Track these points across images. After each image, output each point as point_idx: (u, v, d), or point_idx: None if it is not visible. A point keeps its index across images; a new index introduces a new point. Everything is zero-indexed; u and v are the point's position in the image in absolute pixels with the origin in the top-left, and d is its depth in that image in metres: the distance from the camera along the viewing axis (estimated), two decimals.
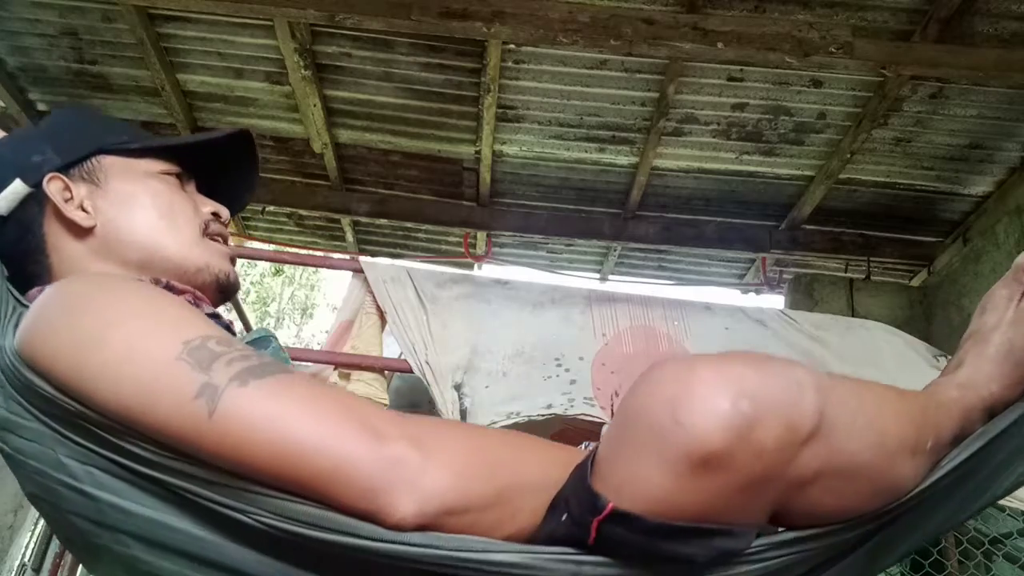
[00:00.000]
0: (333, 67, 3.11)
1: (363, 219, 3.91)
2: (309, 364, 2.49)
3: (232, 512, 0.56)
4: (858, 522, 0.60)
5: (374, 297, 2.36)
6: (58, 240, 0.79)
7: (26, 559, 3.05)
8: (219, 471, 0.57)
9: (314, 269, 10.49)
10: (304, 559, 0.57)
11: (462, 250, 4.04)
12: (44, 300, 0.66)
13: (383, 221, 3.89)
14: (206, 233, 0.86)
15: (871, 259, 3.73)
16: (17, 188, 0.79)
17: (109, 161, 0.84)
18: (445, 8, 2.63)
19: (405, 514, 0.53)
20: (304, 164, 3.71)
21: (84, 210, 0.80)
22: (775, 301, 4.08)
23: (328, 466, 0.54)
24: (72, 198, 0.80)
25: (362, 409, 0.59)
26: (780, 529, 0.59)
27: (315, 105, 3.22)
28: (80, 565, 2.29)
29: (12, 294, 0.73)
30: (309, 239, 4.41)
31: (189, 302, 0.76)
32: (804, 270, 4.00)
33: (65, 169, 0.81)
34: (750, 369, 0.52)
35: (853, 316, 3.37)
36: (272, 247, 4.06)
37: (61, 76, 3.30)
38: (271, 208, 3.94)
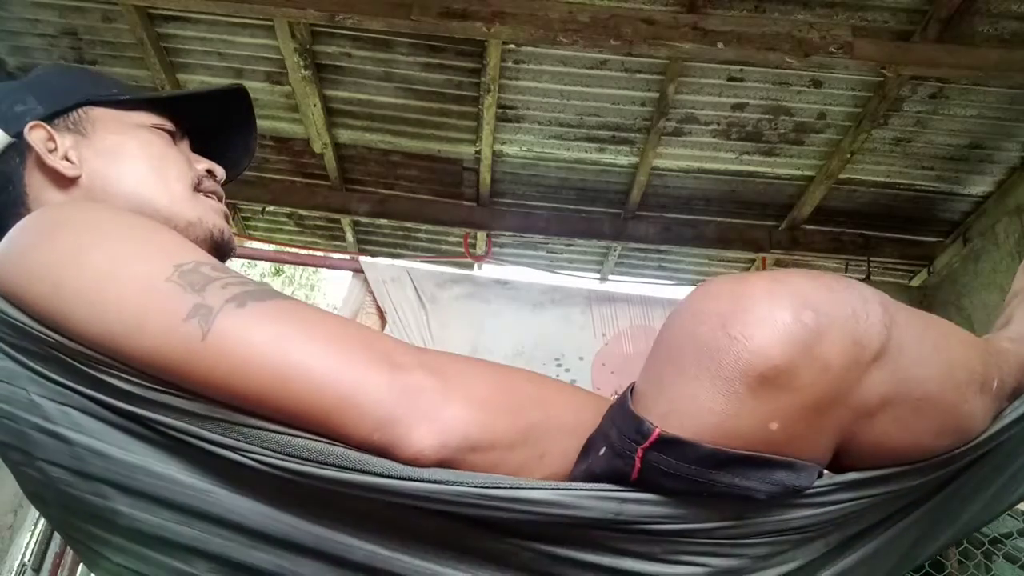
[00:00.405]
0: (333, 67, 3.11)
1: (363, 219, 3.91)
2: None
3: (226, 451, 0.50)
4: (924, 468, 0.55)
5: (374, 297, 2.36)
6: (40, 192, 0.74)
7: (26, 559, 3.05)
8: (212, 403, 0.51)
9: (314, 269, 10.49)
10: (307, 504, 0.50)
11: (462, 250, 4.03)
12: (19, 224, 0.61)
13: (383, 221, 3.89)
14: (199, 189, 0.81)
15: (871, 259, 3.72)
16: None
17: (98, 112, 0.79)
18: (445, 8, 2.63)
19: (423, 447, 0.48)
20: (304, 164, 3.71)
21: (68, 160, 0.75)
22: None
23: (337, 393, 0.49)
24: (56, 148, 0.75)
25: (376, 336, 0.54)
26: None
27: (315, 105, 3.22)
28: (80, 565, 2.29)
29: None
30: (309, 239, 4.40)
31: None
32: (804, 269, 3.99)
33: (50, 119, 0.76)
34: (810, 281, 0.48)
35: None
36: (272, 247, 4.05)
37: None
38: (271, 208, 3.94)
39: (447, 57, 2.99)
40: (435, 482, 0.47)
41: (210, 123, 0.90)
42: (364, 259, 2.54)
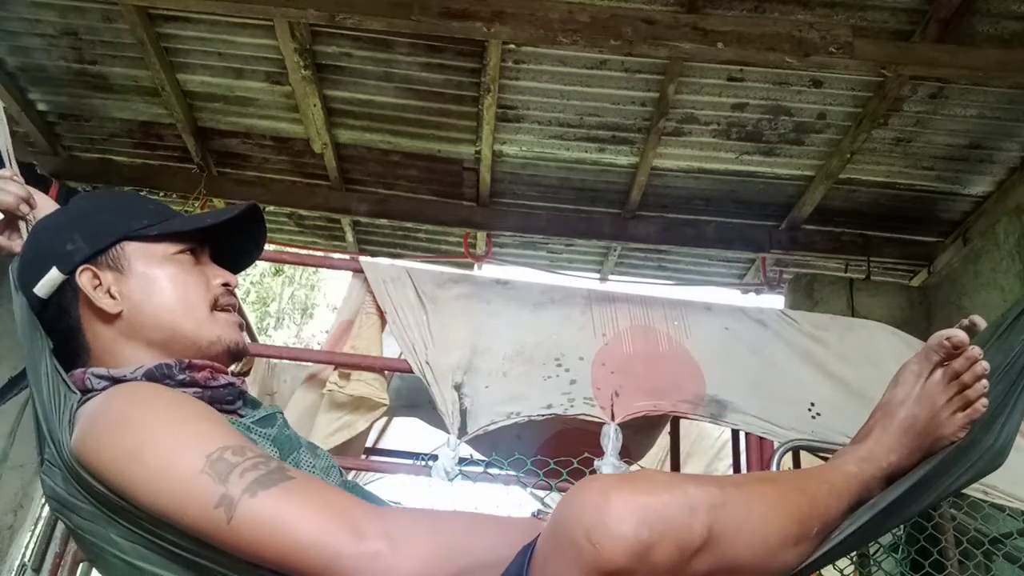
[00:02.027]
0: (333, 67, 3.11)
1: (363, 219, 3.91)
2: (309, 364, 2.49)
3: None
4: None
5: (374, 297, 2.36)
6: (90, 322, 0.92)
7: (26, 559, 3.05)
8: (237, 560, 0.74)
9: (314, 269, 10.49)
10: None
11: (462, 250, 4.04)
12: (92, 413, 0.82)
13: (383, 221, 3.89)
14: (217, 307, 0.98)
15: (871, 259, 3.73)
16: (54, 276, 0.91)
17: (131, 247, 0.95)
18: (445, 8, 2.63)
19: None
20: (304, 164, 3.71)
21: (111, 296, 0.91)
22: (775, 301, 4.08)
23: (321, 561, 0.70)
24: (100, 285, 0.91)
25: (347, 509, 0.74)
26: None
27: (315, 105, 3.22)
28: (80, 565, 2.29)
29: (61, 376, 0.86)
30: (309, 239, 4.41)
31: (209, 378, 0.91)
32: (804, 270, 4.00)
33: (93, 258, 0.92)
34: (651, 498, 0.65)
35: (853, 316, 3.37)
36: (272, 247, 4.05)
37: (61, 76, 3.30)
38: (271, 208, 3.95)
39: (447, 57, 2.99)
40: None
41: (228, 231, 1.05)
42: (364, 259, 2.54)
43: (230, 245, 1.06)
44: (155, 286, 0.94)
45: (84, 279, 0.91)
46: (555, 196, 3.73)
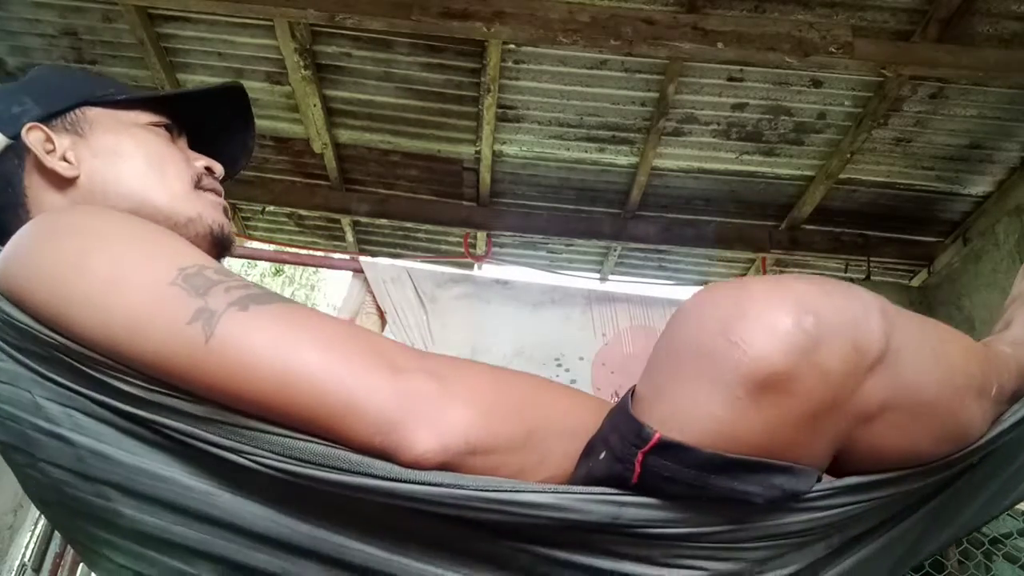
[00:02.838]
0: (333, 67, 3.11)
1: (363, 219, 3.91)
2: None
3: (228, 453, 0.51)
4: (923, 472, 0.55)
5: (374, 297, 2.36)
6: (39, 193, 0.74)
7: (26, 559, 3.05)
8: (214, 406, 0.51)
9: (314, 269, 10.50)
10: (308, 507, 0.51)
11: (462, 250, 4.03)
12: (24, 229, 0.61)
13: (383, 221, 3.89)
14: (198, 186, 0.81)
15: (871, 259, 3.72)
16: None
17: (94, 113, 0.79)
18: (445, 8, 2.63)
19: (424, 450, 0.49)
20: (304, 164, 3.71)
21: (67, 160, 0.75)
22: None
23: (339, 397, 0.49)
24: (54, 149, 0.75)
25: (378, 340, 0.55)
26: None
27: (315, 105, 3.22)
28: (80, 565, 2.29)
29: None
30: (309, 239, 4.40)
31: None
32: (804, 270, 4.00)
33: (47, 120, 0.77)
34: (811, 286, 0.47)
35: None
36: (272, 247, 4.05)
37: None
38: (271, 208, 3.94)
39: (447, 57, 2.99)
40: (435, 485, 0.48)
41: (208, 122, 0.89)
42: (364, 259, 2.54)
43: (213, 145, 0.89)
44: (122, 150, 0.77)
45: (33, 137, 0.74)
46: (555, 196, 3.73)
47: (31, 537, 3.14)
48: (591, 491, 0.49)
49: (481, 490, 0.48)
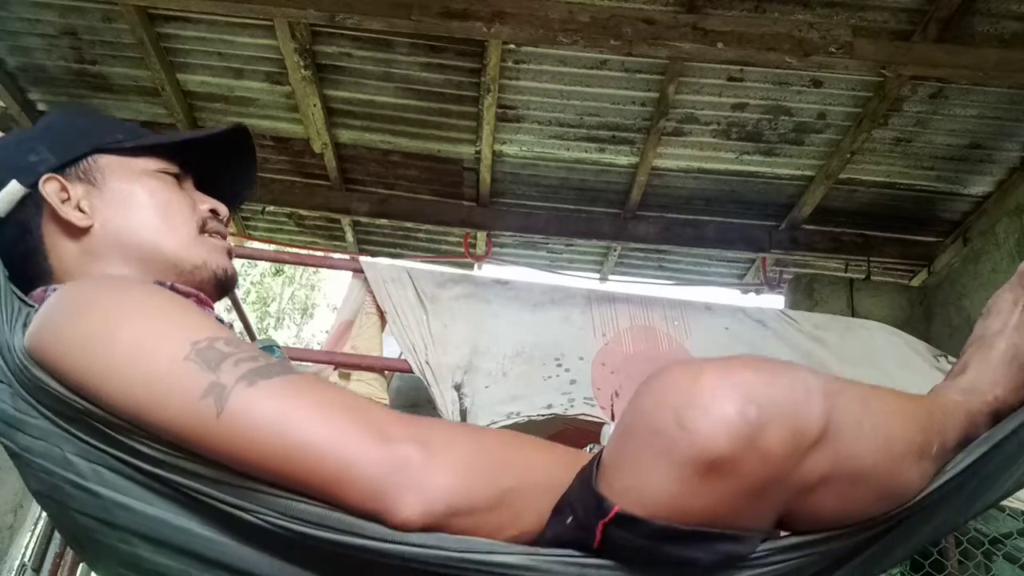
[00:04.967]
0: (333, 67, 3.11)
1: (363, 219, 3.91)
2: (309, 364, 2.49)
3: (238, 511, 0.57)
4: (862, 527, 0.60)
5: (374, 297, 2.36)
6: (56, 241, 0.79)
7: (26, 559, 3.05)
8: (226, 470, 0.57)
9: (314, 269, 10.50)
10: (310, 559, 0.57)
11: (462, 250, 4.04)
12: (54, 301, 0.67)
13: (383, 221, 3.89)
14: (204, 231, 0.86)
15: (871, 259, 3.73)
16: (13, 189, 0.78)
17: (105, 160, 0.83)
18: (445, 8, 2.63)
19: (410, 514, 0.53)
20: (304, 164, 3.71)
21: (81, 210, 0.79)
22: (775, 301, 4.08)
23: (334, 467, 0.54)
24: (69, 198, 0.79)
25: (368, 410, 0.59)
26: (784, 534, 0.59)
27: (315, 105, 3.22)
28: (80, 565, 2.29)
29: (16, 294, 0.72)
30: (309, 239, 4.41)
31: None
32: (804, 270, 4.00)
33: (61, 169, 0.80)
34: (756, 373, 0.52)
35: (853, 316, 3.37)
36: (272, 247, 4.05)
37: (61, 76, 3.29)
38: (271, 208, 3.95)
39: (447, 57, 2.99)
40: (420, 546, 0.53)
41: (213, 159, 0.93)
42: (364, 259, 2.54)
43: (218, 181, 0.93)
44: (132, 199, 0.82)
45: (49, 188, 0.78)
46: (555, 196, 3.73)
47: (31, 537, 3.14)
48: (558, 553, 0.55)
49: (460, 551, 0.54)
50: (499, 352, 2.30)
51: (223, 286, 0.85)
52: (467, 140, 3.42)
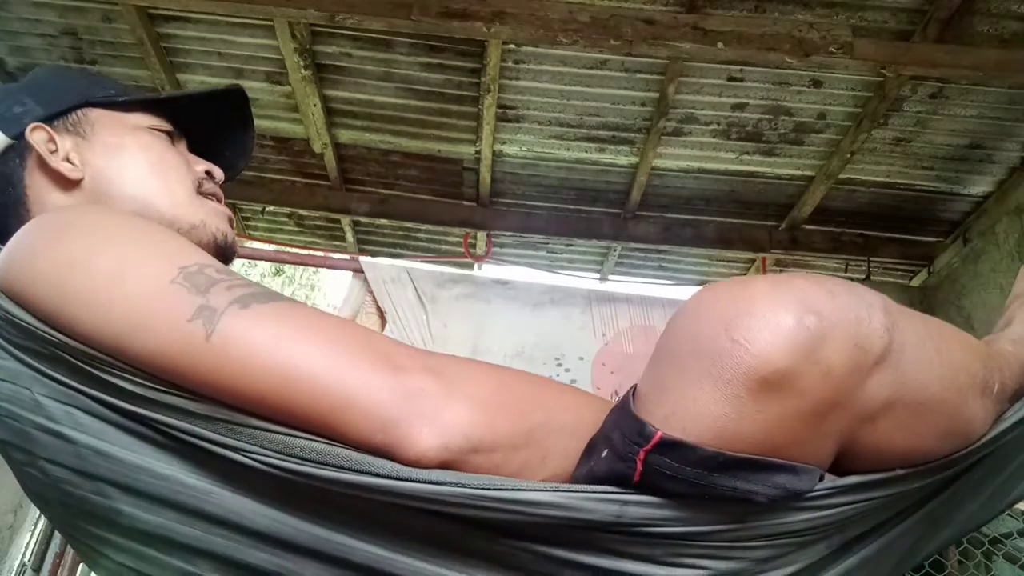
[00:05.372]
0: (333, 67, 3.11)
1: (363, 219, 3.91)
2: None
3: (228, 452, 0.51)
4: (924, 471, 0.55)
5: (374, 297, 2.36)
6: (41, 194, 0.73)
7: (26, 559, 3.05)
8: (215, 404, 0.51)
9: (314, 269, 10.50)
10: (309, 505, 0.51)
11: (462, 250, 4.03)
12: (26, 227, 0.61)
13: (383, 221, 3.89)
14: (200, 191, 0.81)
15: (871, 259, 3.73)
16: None
17: (96, 114, 0.79)
18: (445, 8, 2.63)
19: (426, 448, 0.48)
20: (304, 164, 3.71)
21: (70, 162, 0.74)
22: None
23: (340, 395, 0.49)
24: (57, 150, 0.74)
25: (378, 339, 0.54)
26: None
27: (315, 105, 3.22)
28: (80, 565, 2.29)
29: None
30: (309, 239, 4.40)
31: None
32: (804, 270, 4.00)
33: (49, 121, 0.76)
34: (814, 284, 0.47)
35: None
36: (272, 247, 4.05)
37: None
38: (271, 208, 3.94)
39: (447, 57, 2.99)
40: (437, 483, 0.47)
41: (208, 124, 0.89)
42: (364, 259, 2.54)
43: (212, 149, 0.89)
44: (124, 153, 0.77)
45: (37, 137, 0.73)
46: (555, 196, 3.73)
47: (31, 537, 3.14)
48: (593, 490, 0.49)
49: (483, 488, 0.47)
50: (499, 352, 2.30)
51: (222, 252, 0.79)
52: (467, 140, 3.42)
